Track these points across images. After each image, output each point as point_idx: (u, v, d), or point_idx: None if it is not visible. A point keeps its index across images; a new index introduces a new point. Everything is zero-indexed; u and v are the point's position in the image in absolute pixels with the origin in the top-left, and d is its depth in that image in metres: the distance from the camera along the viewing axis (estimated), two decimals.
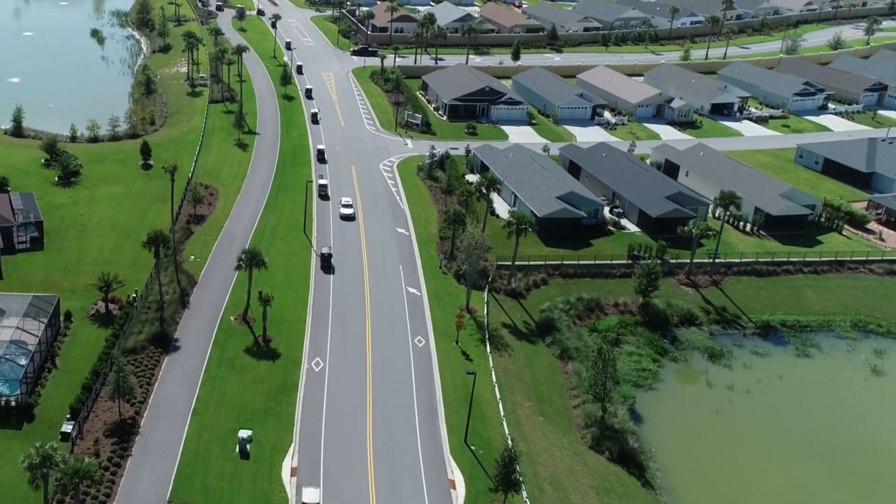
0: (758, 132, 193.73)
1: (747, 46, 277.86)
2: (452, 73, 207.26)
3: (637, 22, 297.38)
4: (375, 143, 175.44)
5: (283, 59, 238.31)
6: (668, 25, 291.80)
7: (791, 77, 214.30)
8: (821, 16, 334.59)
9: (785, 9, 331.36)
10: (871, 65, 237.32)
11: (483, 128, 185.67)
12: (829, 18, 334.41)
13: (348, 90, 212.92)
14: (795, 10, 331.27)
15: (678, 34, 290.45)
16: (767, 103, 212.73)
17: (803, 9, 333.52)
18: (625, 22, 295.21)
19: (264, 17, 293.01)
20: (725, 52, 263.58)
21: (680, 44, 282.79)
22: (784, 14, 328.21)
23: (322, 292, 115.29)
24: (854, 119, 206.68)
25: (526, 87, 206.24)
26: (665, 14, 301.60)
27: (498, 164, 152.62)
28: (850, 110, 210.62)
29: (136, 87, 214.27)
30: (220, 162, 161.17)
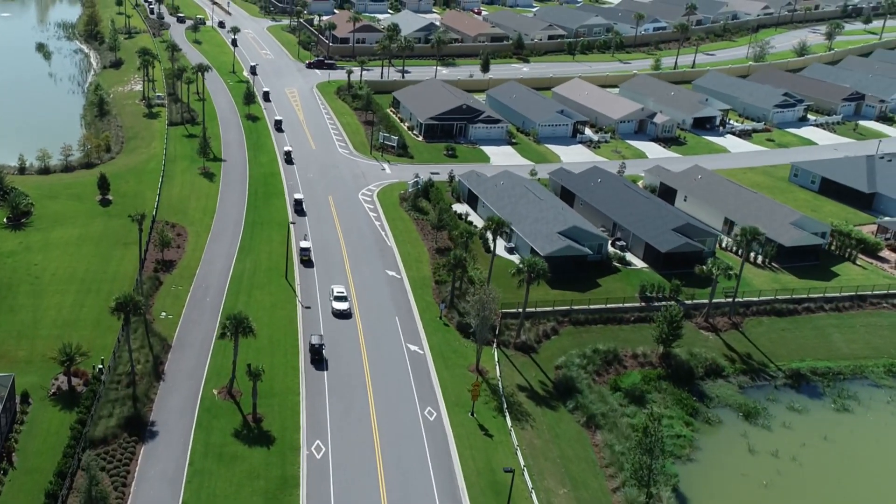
0: (743, 147, 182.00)
1: (713, 53, 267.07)
2: (425, 89, 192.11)
3: (600, 29, 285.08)
4: (351, 168, 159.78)
5: (243, 75, 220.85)
6: (631, 32, 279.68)
7: (770, 88, 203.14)
8: (779, 20, 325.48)
9: (743, 13, 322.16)
10: (843, 72, 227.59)
11: (462, 149, 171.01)
12: (786, 22, 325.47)
13: (315, 108, 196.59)
14: (753, 15, 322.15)
15: (643, 41, 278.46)
16: (747, 115, 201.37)
17: (761, 13, 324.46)
18: (588, 29, 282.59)
19: (221, 29, 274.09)
20: (694, 60, 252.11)
21: (645, 51, 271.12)
22: (743, 18, 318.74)
23: None
24: (836, 131, 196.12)
25: (501, 102, 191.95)
26: (627, 20, 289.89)
27: (488, 193, 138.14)
28: (830, 121, 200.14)
29: (88, 108, 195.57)
30: (186, 195, 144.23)
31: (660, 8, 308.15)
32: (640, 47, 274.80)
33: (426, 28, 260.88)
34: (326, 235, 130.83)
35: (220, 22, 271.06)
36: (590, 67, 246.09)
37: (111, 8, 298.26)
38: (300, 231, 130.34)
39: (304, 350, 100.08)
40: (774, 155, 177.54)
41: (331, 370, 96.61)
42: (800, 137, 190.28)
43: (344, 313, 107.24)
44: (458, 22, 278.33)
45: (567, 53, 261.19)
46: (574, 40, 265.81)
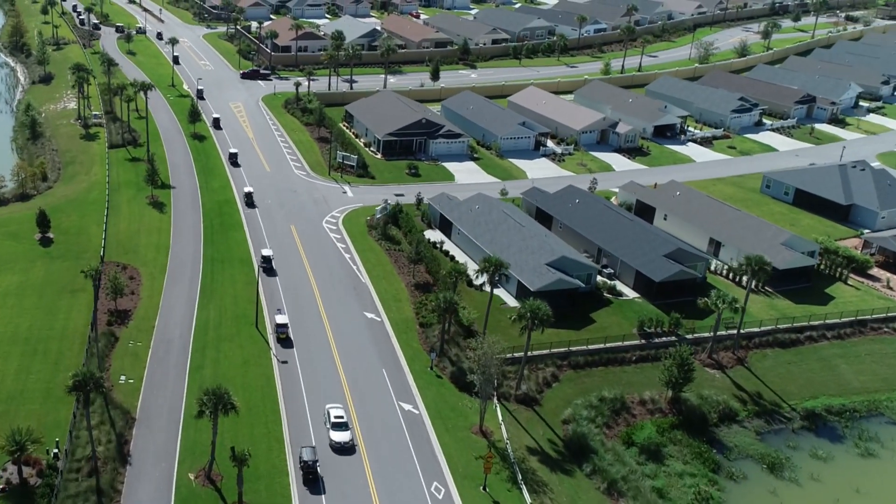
0: (707, 156, 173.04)
1: (655, 55, 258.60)
2: (379, 101, 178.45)
3: (542, 31, 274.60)
4: (310, 192, 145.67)
5: (184, 89, 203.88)
6: (572, 34, 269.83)
7: (725, 92, 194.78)
8: (713, 19, 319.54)
9: (677, 13, 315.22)
10: (788, 73, 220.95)
11: (424, 166, 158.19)
12: (719, 21, 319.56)
13: (264, 124, 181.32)
14: (688, 14, 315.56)
15: (586, 43, 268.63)
16: (704, 121, 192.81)
17: (694, 12, 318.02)
18: (531, 32, 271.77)
19: (155, 38, 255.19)
20: (640, 63, 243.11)
21: (589, 53, 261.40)
22: (678, 18, 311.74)
23: (299, 420, 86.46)
24: (792, 135, 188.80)
25: (458, 114, 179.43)
26: (567, 22, 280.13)
27: (463, 220, 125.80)
28: (785, 125, 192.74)
29: (19, 129, 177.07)
30: (136, 229, 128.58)
31: (597, 9, 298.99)
32: (584, 50, 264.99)
33: (370, 34, 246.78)
34: (294, 272, 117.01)
35: (159, 33, 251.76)
36: (538, 72, 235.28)
37: (36, 17, 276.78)
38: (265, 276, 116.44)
39: (286, 415, 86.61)
40: (740, 164, 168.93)
41: (322, 455, 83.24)
42: (760, 144, 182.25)
43: (346, 446, 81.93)
44: (400, 27, 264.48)
45: (513, 58, 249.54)
46: (519, 44, 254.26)
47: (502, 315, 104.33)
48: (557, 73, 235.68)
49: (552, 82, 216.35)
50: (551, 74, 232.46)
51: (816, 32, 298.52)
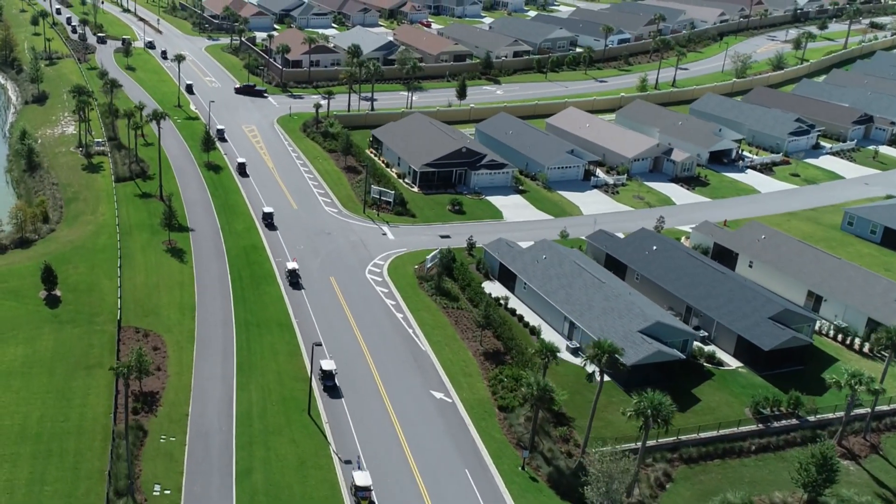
0: (770, 185, 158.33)
1: (686, 67, 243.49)
2: (409, 126, 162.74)
3: (564, 42, 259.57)
4: (346, 234, 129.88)
5: (191, 110, 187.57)
6: (595, 45, 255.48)
7: (779, 112, 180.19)
8: (738, 26, 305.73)
9: (699, 21, 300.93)
10: (836, 89, 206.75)
11: (468, 201, 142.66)
12: (742, 29, 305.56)
13: (282, 151, 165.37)
14: (710, 22, 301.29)
15: (611, 55, 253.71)
16: (757, 144, 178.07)
17: (717, 20, 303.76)
18: (552, 43, 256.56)
19: (154, 51, 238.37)
20: (674, 77, 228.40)
21: (616, 66, 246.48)
22: (700, 27, 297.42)
23: None
24: (854, 160, 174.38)
25: (495, 139, 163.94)
26: (590, 32, 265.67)
27: (529, 271, 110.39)
28: (845, 149, 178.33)
29: (14, 159, 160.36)
30: (154, 284, 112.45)
31: (617, 18, 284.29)
32: (609, 62, 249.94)
33: (385, 47, 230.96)
34: (342, 339, 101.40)
35: (163, 52, 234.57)
36: (566, 88, 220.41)
37: (25, 28, 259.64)
38: (307, 329, 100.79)
39: None
40: (808, 195, 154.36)
41: None
42: (823, 170, 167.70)
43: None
44: (415, 38, 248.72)
45: (536, 72, 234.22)
46: (542, 57, 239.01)
47: (591, 391, 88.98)
48: (587, 88, 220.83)
49: (587, 100, 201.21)
50: (582, 90, 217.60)
51: (843, 41, 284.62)
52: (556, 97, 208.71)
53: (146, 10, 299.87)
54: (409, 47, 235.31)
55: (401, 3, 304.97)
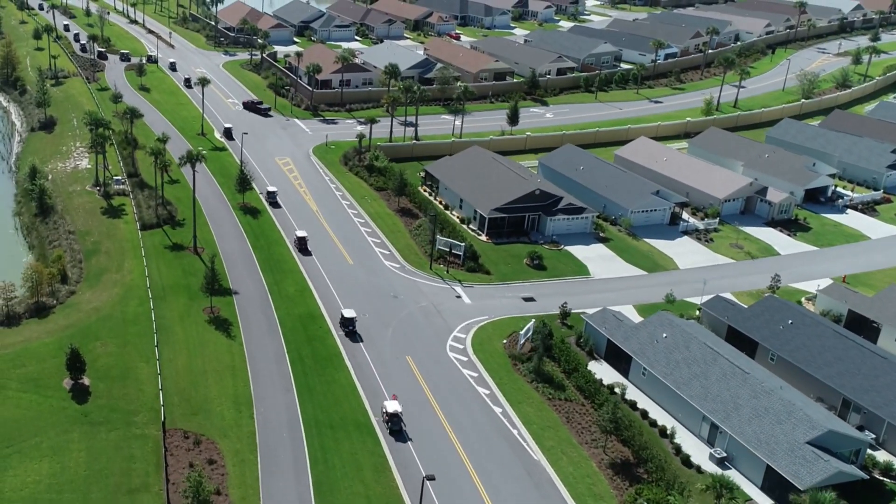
0: (878, 229, 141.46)
1: (743, 85, 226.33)
2: (469, 162, 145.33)
3: (608, 58, 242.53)
4: (415, 297, 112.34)
5: (216, 138, 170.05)
6: (640, 60, 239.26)
7: (872, 142, 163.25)
8: (787, 38, 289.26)
9: (745, 32, 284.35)
10: None
11: (547, 254, 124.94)
12: (790, 41, 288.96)
13: (324, 189, 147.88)
14: (756, 34, 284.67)
15: (660, 71, 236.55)
16: (849, 179, 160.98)
17: (762, 32, 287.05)
18: (596, 58, 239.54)
19: (168, 69, 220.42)
20: (737, 98, 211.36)
21: (667, 83, 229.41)
22: (746, 39, 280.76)
23: None
24: None
25: (564, 175, 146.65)
26: (634, 46, 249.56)
27: (648, 353, 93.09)
28: None
29: (24, 200, 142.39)
30: (200, 369, 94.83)
31: (660, 29, 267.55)
32: (659, 79, 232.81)
33: (421, 65, 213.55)
34: (433, 441, 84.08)
35: (172, 63, 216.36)
36: (619, 109, 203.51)
37: (26, 41, 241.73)
38: None
39: None
40: None
41: None
42: None
43: None
44: (449, 54, 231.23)
45: (585, 91, 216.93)
46: (590, 75, 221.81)
47: None
48: (643, 110, 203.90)
49: (650, 126, 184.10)
50: (638, 112, 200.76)
51: None
52: (613, 121, 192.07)
53: (155, 21, 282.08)
54: (446, 64, 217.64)
55: (427, 14, 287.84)
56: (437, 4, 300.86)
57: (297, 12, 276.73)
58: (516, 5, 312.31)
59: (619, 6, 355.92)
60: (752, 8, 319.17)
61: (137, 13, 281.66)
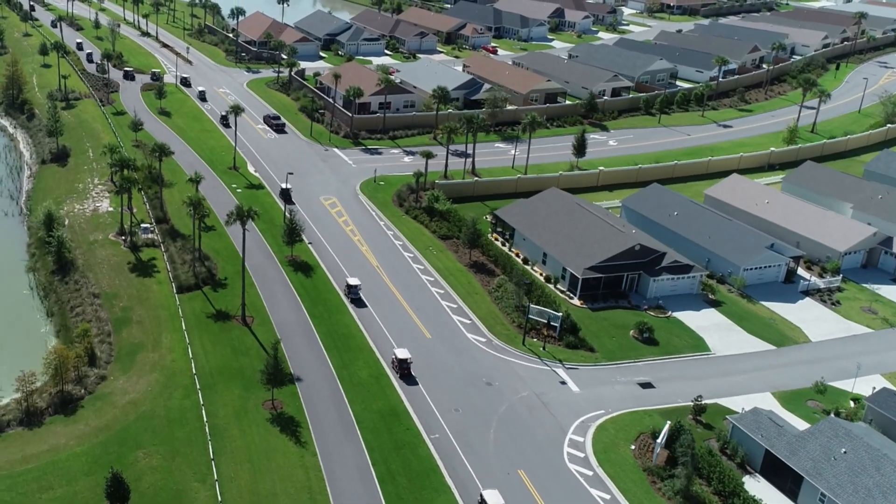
0: None
1: (811, 105, 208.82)
2: (548, 207, 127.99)
3: (664, 75, 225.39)
4: (511, 383, 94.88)
5: (251, 173, 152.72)
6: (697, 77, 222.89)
7: None
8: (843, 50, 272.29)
9: (800, 45, 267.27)
10: None
11: (656, 323, 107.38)
12: (847, 54, 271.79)
13: (380, 236, 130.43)
14: (812, 48, 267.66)
15: (724, 88, 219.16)
16: None
17: (819, 45, 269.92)
18: (651, 76, 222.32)
19: (188, 89, 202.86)
20: (815, 122, 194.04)
21: (730, 103, 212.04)
22: (802, 53, 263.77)
23: None
24: None
25: (655, 222, 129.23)
26: (689, 62, 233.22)
27: (826, 475, 75.89)
28: None
29: (39, 253, 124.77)
30: (269, 492, 77.55)
31: (713, 44, 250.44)
32: (721, 99, 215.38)
33: (467, 85, 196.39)
34: None
35: (201, 93, 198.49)
36: (688, 135, 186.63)
37: (31, 57, 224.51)
38: None
39: None
40: None
41: None
42: None
43: None
44: (493, 72, 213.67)
45: (645, 113, 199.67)
46: (649, 95, 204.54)
47: None
48: (714, 136, 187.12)
49: (731, 158, 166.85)
50: (708, 139, 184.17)
51: None
52: (686, 150, 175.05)
53: (168, 33, 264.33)
54: (492, 84, 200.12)
55: (459, 26, 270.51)
56: (469, 15, 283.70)
57: (322, 24, 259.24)
58: (552, 15, 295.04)
59: (656, 15, 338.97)
60: (801, 18, 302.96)
61: (150, 24, 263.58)
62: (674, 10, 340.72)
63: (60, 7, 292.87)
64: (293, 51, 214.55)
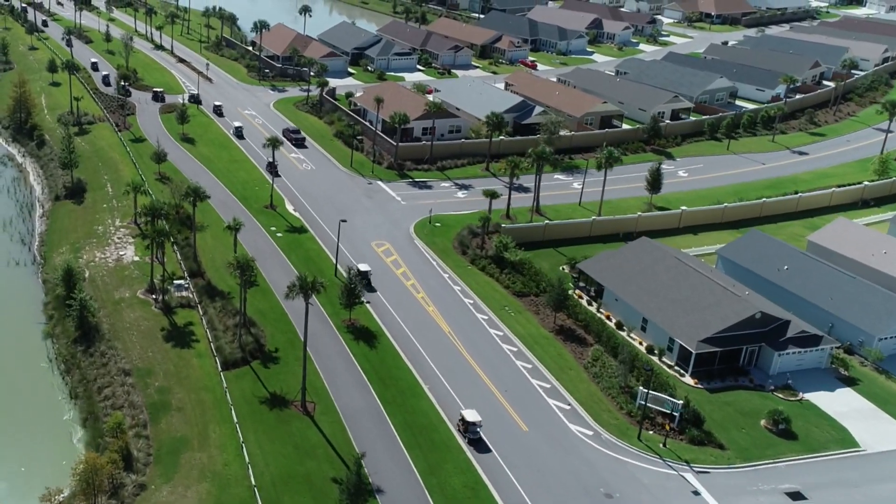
0: None
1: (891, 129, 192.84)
2: (640, 261, 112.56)
3: (723, 94, 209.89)
4: (635, 494, 79.93)
5: (290, 213, 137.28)
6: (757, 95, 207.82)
7: None
8: None
9: (860, 59, 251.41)
10: None
11: (788, 409, 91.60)
12: None
13: (446, 292, 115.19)
14: (872, 61, 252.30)
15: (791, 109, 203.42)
16: None
17: (878, 59, 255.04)
18: (710, 95, 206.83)
19: (211, 112, 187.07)
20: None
21: (800, 128, 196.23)
22: (863, 68, 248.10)
23: None
24: None
25: (759, 276, 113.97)
26: (748, 79, 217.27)
27: None
28: None
29: (57, 314, 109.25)
30: None
31: (768, 58, 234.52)
32: (788, 120, 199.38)
33: (518, 108, 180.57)
34: None
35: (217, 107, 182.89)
36: (763, 165, 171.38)
37: (39, 74, 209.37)
38: None
39: None
40: None
41: None
42: None
43: None
44: (541, 92, 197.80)
45: (710, 138, 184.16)
46: (714, 118, 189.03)
47: None
48: (790, 165, 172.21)
49: (822, 194, 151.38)
50: (786, 169, 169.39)
51: None
52: (765, 182, 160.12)
53: (183, 46, 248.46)
54: (544, 106, 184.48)
55: (495, 39, 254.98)
56: (504, 26, 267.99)
57: (348, 37, 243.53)
58: (590, 26, 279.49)
59: (695, 25, 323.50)
60: (853, 28, 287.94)
61: (164, 37, 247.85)
62: (714, 19, 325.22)
63: (67, 17, 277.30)
64: (323, 68, 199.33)
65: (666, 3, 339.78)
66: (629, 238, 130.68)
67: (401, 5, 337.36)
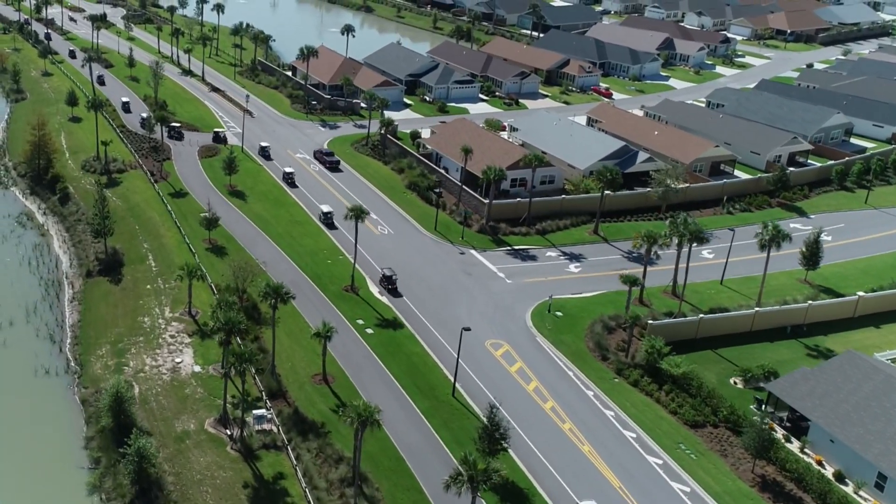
0: None
1: None
2: (849, 380, 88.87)
3: (838, 132, 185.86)
4: None
5: (376, 297, 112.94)
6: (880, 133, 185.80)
7: None
8: None
9: None
10: None
11: None
12: None
13: (597, 421, 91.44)
14: None
15: None
16: None
17: None
18: (825, 133, 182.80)
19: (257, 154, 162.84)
20: None
21: None
22: None
23: None
24: None
25: None
26: (859, 113, 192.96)
27: None
28: None
29: (106, 466, 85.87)
30: None
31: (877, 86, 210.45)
32: None
33: (619, 153, 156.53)
34: None
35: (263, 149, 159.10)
36: None
37: (56, 106, 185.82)
38: None
39: None
40: None
41: None
42: None
43: None
44: (634, 131, 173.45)
45: (839, 188, 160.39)
46: (840, 162, 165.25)
47: None
48: None
49: None
50: None
51: None
52: None
53: (214, 70, 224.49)
54: (648, 151, 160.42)
55: (562, 63, 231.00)
56: (568, 48, 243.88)
57: (400, 62, 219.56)
58: (661, 46, 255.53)
59: (768, 43, 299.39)
60: None
61: (194, 61, 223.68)
62: (787, 36, 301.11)
63: (82, 35, 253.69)
64: (384, 103, 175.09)
65: (731, 19, 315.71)
66: (799, 333, 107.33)
67: (441, 20, 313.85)
